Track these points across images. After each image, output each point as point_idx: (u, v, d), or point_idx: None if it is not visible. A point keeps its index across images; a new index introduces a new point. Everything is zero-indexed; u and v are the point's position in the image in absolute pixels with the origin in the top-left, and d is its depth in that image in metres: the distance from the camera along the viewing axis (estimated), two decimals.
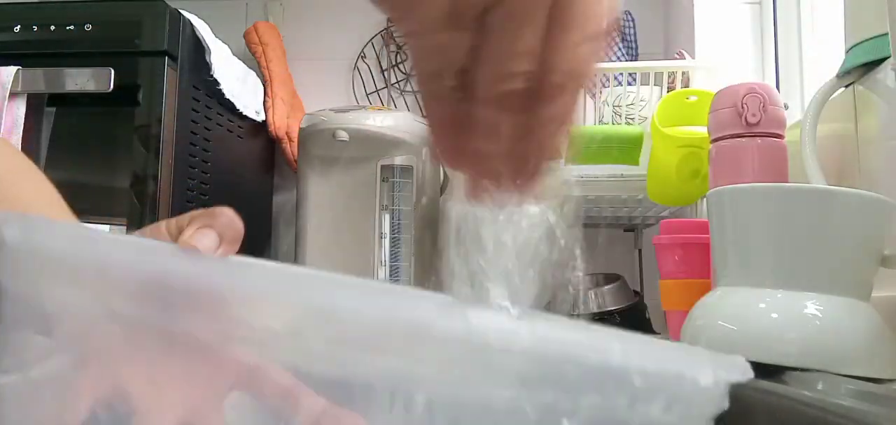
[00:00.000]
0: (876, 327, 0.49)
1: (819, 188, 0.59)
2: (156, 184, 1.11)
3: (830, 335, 0.48)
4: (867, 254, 0.50)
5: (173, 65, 1.15)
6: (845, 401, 0.36)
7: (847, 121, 0.74)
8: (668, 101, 0.97)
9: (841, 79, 0.72)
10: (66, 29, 1.14)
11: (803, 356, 0.46)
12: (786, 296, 0.49)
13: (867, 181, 0.69)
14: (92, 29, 1.14)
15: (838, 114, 0.74)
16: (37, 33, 1.15)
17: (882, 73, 0.67)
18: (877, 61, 0.67)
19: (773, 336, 0.48)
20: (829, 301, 0.48)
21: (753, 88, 0.68)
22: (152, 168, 1.11)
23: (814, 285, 0.49)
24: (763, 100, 0.67)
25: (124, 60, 1.12)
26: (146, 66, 1.13)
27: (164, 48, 1.13)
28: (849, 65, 0.70)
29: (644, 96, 1.13)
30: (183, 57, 1.17)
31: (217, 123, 1.31)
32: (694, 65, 1.18)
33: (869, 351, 0.48)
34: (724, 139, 0.70)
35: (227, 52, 1.30)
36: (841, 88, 0.72)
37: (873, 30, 0.67)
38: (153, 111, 1.12)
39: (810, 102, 0.72)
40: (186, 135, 1.19)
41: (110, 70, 1.10)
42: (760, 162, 0.67)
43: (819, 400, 0.36)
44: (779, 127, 0.68)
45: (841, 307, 0.49)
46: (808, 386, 0.42)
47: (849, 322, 0.48)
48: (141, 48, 1.13)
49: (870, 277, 0.51)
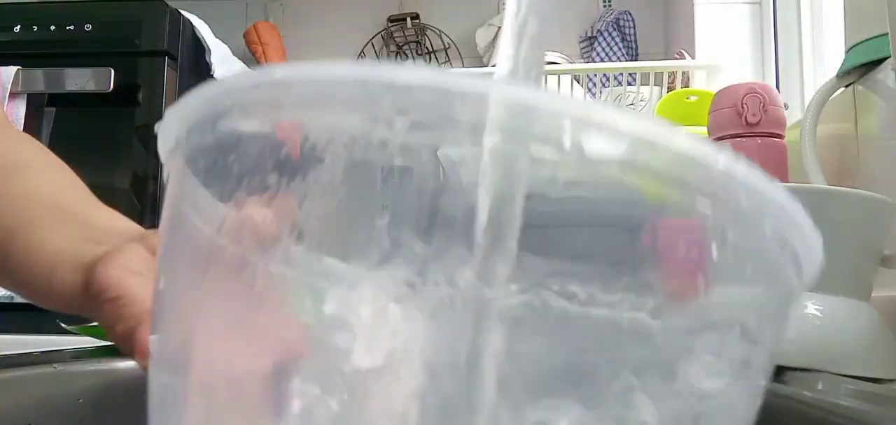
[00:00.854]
0: (876, 327, 0.49)
1: (819, 188, 0.59)
2: (156, 184, 1.11)
3: (830, 335, 0.48)
4: (867, 254, 0.50)
5: (173, 65, 1.15)
6: (845, 401, 0.36)
7: (847, 121, 0.74)
8: (668, 100, 0.97)
9: (841, 79, 0.72)
10: (66, 29, 1.14)
11: (803, 356, 0.46)
12: None
13: (867, 181, 0.69)
14: (92, 29, 1.14)
15: (838, 114, 0.74)
16: (37, 33, 1.15)
17: (882, 73, 0.67)
18: (877, 61, 0.67)
19: None
20: (829, 301, 0.48)
21: (753, 88, 0.68)
22: (152, 168, 1.12)
23: (814, 285, 0.49)
24: (763, 100, 0.67)
25: (124, 60, 1.12)
26: (146, 66, 1.13)
27: (164, 48, 1.13)
28: (849, 65, 0.70)
29: (644, 96, 1.13)
30: (183, 57, 1.17)
31: None
32: (694, 65, 1.18)
33: (869, 351, 0.48)
34: (724, 139, 0.70)
35: (227, 51, 1.30)
36: (841, 88, 0.72)
37: (873, 30, 0.67)
38: (153, 111, 1.12)
39: (810, 102, 0.72)
40: None
41: (110, 70, 1.10)
42: (760, 162, 0.67)
43: (819, 400, 0.36)
44: (779, 127, 0.68)
45: (841, 307, 0.49)
46: (808, 386, 0.42)
47: (849, 322, 0.48)
48: (141, 48, 1.13)
49: (870, 277, 0.51)
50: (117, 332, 0.30)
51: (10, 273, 0.36)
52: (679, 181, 0.16)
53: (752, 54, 1.25)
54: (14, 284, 0.38)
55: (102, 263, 0.32)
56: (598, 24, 1.56)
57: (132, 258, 0.32)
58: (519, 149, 0.17)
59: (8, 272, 0.36)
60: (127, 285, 0.31)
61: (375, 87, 0.16)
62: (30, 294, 0.37)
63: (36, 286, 0.36)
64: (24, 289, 0.37)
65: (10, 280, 0.37)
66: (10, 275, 0.37)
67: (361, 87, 0.16)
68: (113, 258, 0.32)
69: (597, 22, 1.58)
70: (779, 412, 0.38)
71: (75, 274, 0.34)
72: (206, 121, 0.18)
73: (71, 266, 0.34)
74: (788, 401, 0.38)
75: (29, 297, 0.37)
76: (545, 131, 0.16)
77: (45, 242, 0.35)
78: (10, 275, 0.37)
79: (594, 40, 1.54)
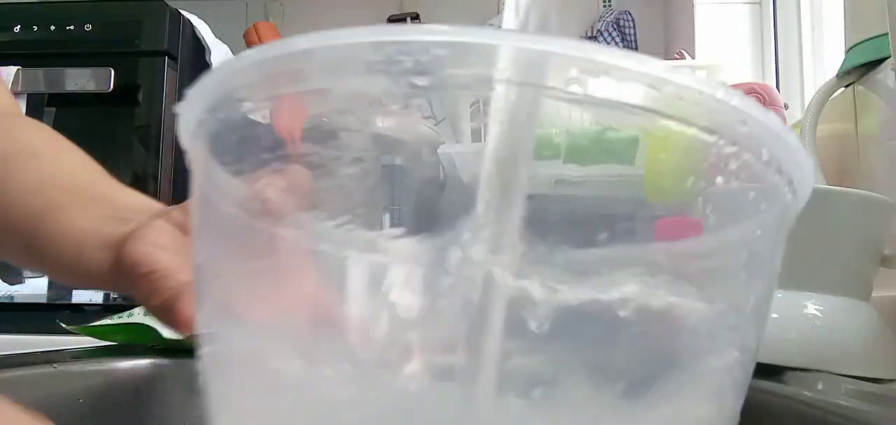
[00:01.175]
0: (876, 327, 0.49)
1: (819, 188, 0.59)
2: (156, 184, 1.11)
3: (830, 335, 0.48)
4: (867, 254, 0.50)
5: (173, 65, 1.15)
6: (845, 401, 0.36)
7: (847, 121, 0.74)
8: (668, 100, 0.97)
9: (841, 79, 0.72)
10: (66, 29, 1.14)
11: (803, 356, 0.46)
12: (786, 296, 0.49)
13: (867, 181, 0.69)
14: (92, 29, 1.14)
15: (838, 114, 0.74)
16: (37, 33, 1.15)
17: (882, 73, 0.67)
18: (877, 61, 0.67)
19: (774, 336, 0.48)
20: (829, 301, 0.48)
21: (753, 88, 0.68)
22: (152, 168, 1.12)
23: (814, 285, 0.49)
24: (763, 100, 0.67)
25: (124, 60, 1.12)
26: (146, 66, 1.13)
27: (164, 48, 1.13)
28: (849, 65, 0.70)
29: None
30: (183, 57, 1.17)
31: None
32: (694, 65, 1.18)
33: (869, 351, 0.48)
34: None
35: (227, 52, 1.30)
36: (841, 88, 0.72)
37: (873, 30, 0.67)
38: (153, 111, 1.12)
39: (810, 102, 0.72)
40: None
41: (110, 70, 1.10)
42: None
43: (819, 400, 0.36)
44: None
45: (841, 307, 0.49)
46: (808, 386, 0.42)
47: (849, 322, 0.48)
48: (141, 48, 1.13)
49: (870, 277, 0.51)
50: (154, 305, 0.32)
51: (39, 256, 0.38)
52: (683, 113, 0.18)
53: (752, 54, 1.25)
54: (44, 267, 0.39)
55: (131, 240, 0.34)
56: (598, 24, 1.56)
57: (159, 234, 0.34)
58: (531, 95, 0.18)
59: (37, 256, 0.38)
60: (158, 260, 0.33)
61: (392, 48, 0.16)
62: (60, 275, 0.38)
63: (65, 267, 0.37)
64: (54, 270, 0.39)
65: (39, 263, 0.39)
66: (40, 259, 0.38)
67: (379, 49, 0.17)
68: (141, 235, 0.34)
69: (597, 22, 1.58)
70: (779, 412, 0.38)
71: (104, 252, 0.35)
72: (229, 97, 0.19)
73: (98, 245, 0.35)
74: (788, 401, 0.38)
75: (59, 279, 0.39)
76: (557, 76, 0.17)
77: (71, 224, 0.36)
78: (40, 258, 0.38)
79: (594, 40, 1.54)
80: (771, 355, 0.47)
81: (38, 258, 0.38)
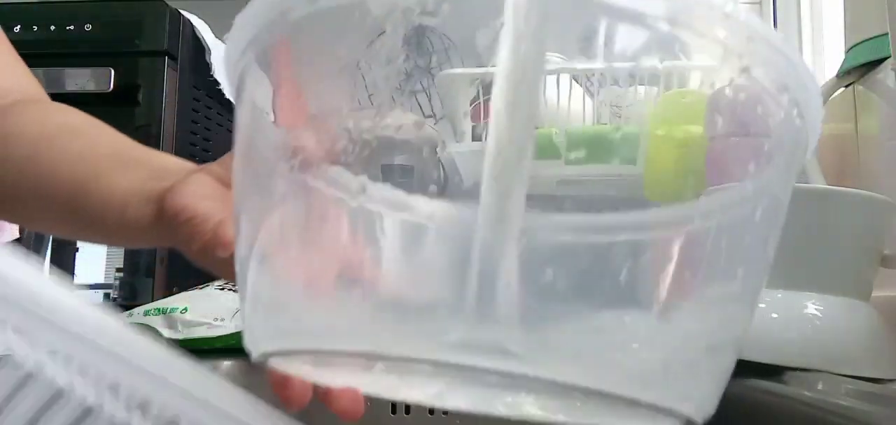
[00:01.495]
0: (876, 327, 0.49)
1: (819, 188, 0.59)
2: None
3: (830, 335, 0.48)
4: (867, 254, 0.50)
5: (173, 65, 1.15)
6: (845, 401, 0.36)
7: (847, 121, 0.74)
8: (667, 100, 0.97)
9: (841, 79, 0.72)
10: (66, 29, 1.14)
11: (803, 356, 0.46)
12: (786, 296, 0.49)
13: (867, 181, 0.69)
14: (92, 29, 1.14)
15: (838, 114, 0.74)
16: (37, 33, 1.15)
17: (882, 73, 0.67)
18: (877, 61, 0.67)
19: (773, 336, 0.48)
20: (829, 301, 0.48)
21: None
22: None
23: (814, 285, 0.49)
24: None
25: (124, 60, 1.12)
26: (146, 66, 1.13)
27: (164, 48, 1.13)
28: (849, 65, 0.70)
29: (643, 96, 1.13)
30: (183, 57, 1.17)
31: (217, 124, 1.31)
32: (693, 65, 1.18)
33: (869, 351, 0.48)
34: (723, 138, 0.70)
35: None
36: (841, 88, 0.72)
37: (873, 30, 0.67)
38: (153, 111, 1.12)
39: None
40: (186, 136, 1.19)
41: (110, 70, 1.10)
42: None
43: (819, 400, 0.36)
44: None
45: (841, 307, 0.49)
46: (808, 386, 0.42)
47: (849, 322, 0.48)
48: (141, 48, 1.13)
49: (870, 277, 0.51)
50: (195, 249, 0.34)
51: (83, 220, 0.41)
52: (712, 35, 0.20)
53: None
54: (86, 230, 0.44)
55: (172, 193, 0.36)
56: None
57: (198, 185, 0.36)
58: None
59: (84, 220, 0.41)
60: (198, 207, 0.35)
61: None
62: (103, 235, 0.43)
63: (110, 226, 0.40)
64: (99, 232, 0.42)
65: (81, 227, 0.43)
66: (87, 223, 0.42)
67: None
68: (181, 187, 0.36)
69: None
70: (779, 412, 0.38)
71: (147, 206, 0.38)
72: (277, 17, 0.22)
73: (141, 201, 0.39)
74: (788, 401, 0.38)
75: (103, 240, 0.44)
76: None
77: (115, 186, 0.40)
78: (84, 221, 0.42)
79: None
80: (771, 355, 0.47)
81: (81, 222, 0.42)
